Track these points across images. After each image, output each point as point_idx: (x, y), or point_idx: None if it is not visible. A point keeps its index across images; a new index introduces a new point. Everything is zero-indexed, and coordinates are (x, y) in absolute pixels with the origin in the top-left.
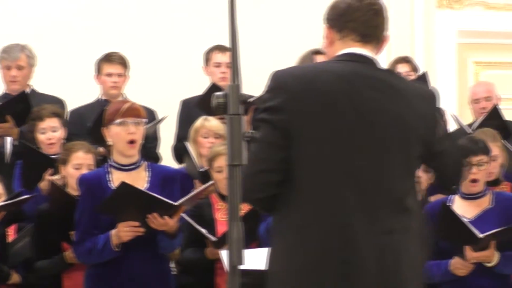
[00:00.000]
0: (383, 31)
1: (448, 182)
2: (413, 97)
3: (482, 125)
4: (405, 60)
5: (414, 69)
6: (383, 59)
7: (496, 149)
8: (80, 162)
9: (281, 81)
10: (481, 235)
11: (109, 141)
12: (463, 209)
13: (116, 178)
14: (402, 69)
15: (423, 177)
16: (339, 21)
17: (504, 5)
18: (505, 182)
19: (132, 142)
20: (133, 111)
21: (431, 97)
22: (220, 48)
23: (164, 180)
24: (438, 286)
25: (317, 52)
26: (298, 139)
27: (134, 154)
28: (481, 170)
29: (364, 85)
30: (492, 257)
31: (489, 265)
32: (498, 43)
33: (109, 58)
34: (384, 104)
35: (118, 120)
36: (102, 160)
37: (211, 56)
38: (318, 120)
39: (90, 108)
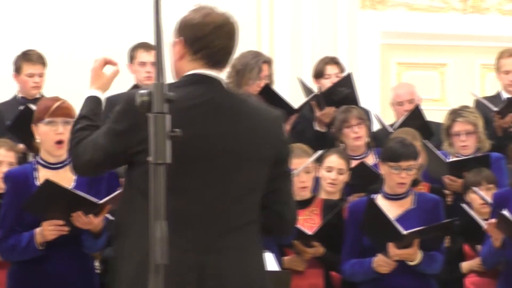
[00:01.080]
0: (231, 56)
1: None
2: (257, 119)
3: (403, 125)
4: (334, 61)
5: (342, 70)
6: (308, 60)
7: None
8: (1, 159)
9: (130, 104)
10: (404, 232)
11: (38, 138)
12: (386, 208)
13: (42, 176)
14: (332, 70)
15: (339, 178)
16: (195, 43)
17: (427, 6)
18: (423, 182)
19: (60, 142)
20: (63, 110)
21: (276, 118)
22: (145, 46)
23: (91, 179)
24: (359, 285)
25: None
26: (135, 156)
27: (61, 154)
28: (409, 175)
29: (206, 112)
30: (415, 255)
31: (411, 263)
32: (421, 44)
33: (29, 57)
34: (224, 129)
35: (47, 120)
36: (22, 158)
37: (136, 54)
38: None
39: (8, 106)
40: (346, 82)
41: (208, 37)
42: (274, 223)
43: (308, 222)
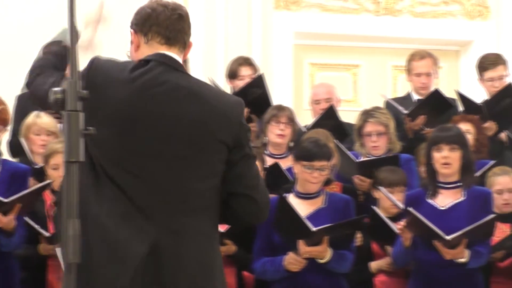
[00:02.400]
0: (187, 36)
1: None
2: (216, 101)
3: (317, 124)
4: (247, 62)
5: (256, 71)
6: (221, 60)
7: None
8: None
9: (91, 68)
10: (314, 229)
11: None
12: (297, 207)
13: None
14: (245, 72)
15: None
16: (144, 26)
17: (340, 7)
18: (335, 181)
19: None
20: None
21: (235, 103)
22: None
23: (13, 177)
24: (271, 284)
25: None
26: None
27: None
28: (322, 175)
29: (164, 91)
30: (324, 253)
31: (321, 261)
32: (334, 45)
33: None
34: (183, 108)
35: None
36: None
37: None
38: (110, 122)
39: None
40: (258, 82)
41: (154, 14)
42: (246, 210)
43: None
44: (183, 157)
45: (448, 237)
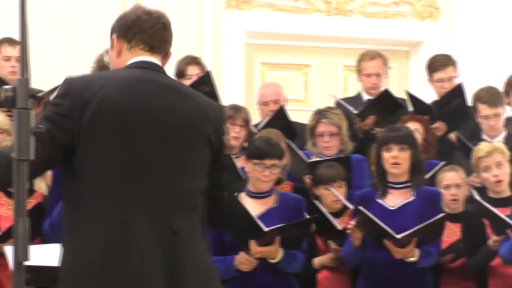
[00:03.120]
0: (169, 45)
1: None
2: (203, 103)
3: (268, 125)
4: (195, 61)
5: (204, 70)
6: (172, 59)
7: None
8: None
9: (70, 87)
10: (266, 229)
11: None
12: (249, 206)
13: None
14: (193, 71)
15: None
16: (128, 32)
17: (291, 7)
18: (286, 181)
19: None
20: None
21: (219, 108)
22: (9, 41)
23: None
24: (223, 283)
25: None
26: (84, 142)
27: None
28: (273, 173)
29: (153, 89)
30: (276, 253)
31: (272, 261)
32: (285, 45)
33: None
34: (174, 106)
35: None
36: None
37: (0, 49)
38: (103, 125)
39: None
40: (206, 80)
41: (138, 22)
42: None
43: None
44: (177, 156)
45: (398, 236)
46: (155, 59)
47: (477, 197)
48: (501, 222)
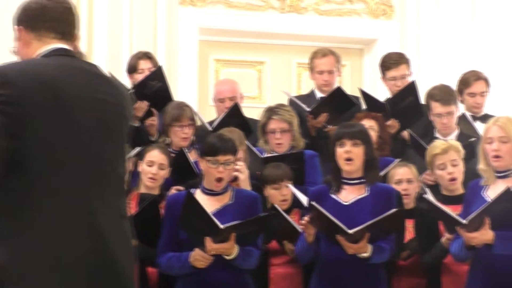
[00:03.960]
0: (76, 29)
1: None
2: (120, 86)
3: (223, 122)
4: (147, 56)
5: (156, 65)
6: (126, 55)
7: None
8: None
9: (5, 76)
10: (222, 226)
11: None
12: (204, 203)
13: None
14: (145, 65)
15: (160, 173)
16: (35, 22)
17: (246, 4)
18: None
19: None
20: None
21: (126, 88)
22: None
23: None
24: (176, 280)
25: None
26: (29, 132)
27: None
28: (227, 170)
29: (80, 75)
30: (231, 250)
31: (228, 258)
32: (239, 42)
33: None
34: (104, 91)
35: None
36: None
37: None
38: (46, 112)
39: None
40: (158, 75)
41: (44, 10)
42: None
43: None
44: (114, 140)
45: (350, 231)
46: (68, 46)
47: (427, 196)
48: (451, 220)
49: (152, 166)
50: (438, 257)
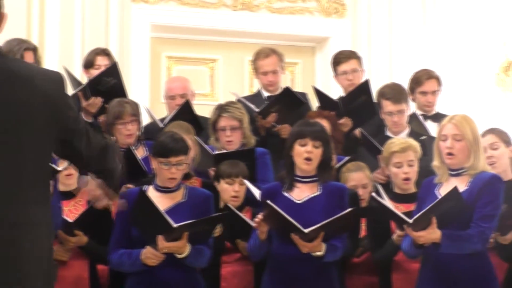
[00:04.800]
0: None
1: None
2: (38, 81)
3: (174, 119)
4: (105, 52)
5: (113, 60)
6: (78, 50)
7: (189, 142)
8: None
9: None
10: (175, 225)
11: None
12: (157, 201)
13: None
14: (102, 61)
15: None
16: None
17: (198, 1)
18: (195, 177)
19: None
20: None
21: (59, 80)
22: None
23: None
24: (127, 277)
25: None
26: None
27: None
28: (180, 170)
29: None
30: (183, 248)
31: (180, 256)
32: (191, 39)
33: None
34: (7, 92)
35: None
36: None
37: None
38: None
39: None
40: (113, 71)
41: None
42: (109, 178)
43: (73, 212)
44: (13, 140)
45: (306, 230)
46: None
47: (375, 195)
48: (398, 219)
49: None
50: (389, 254)
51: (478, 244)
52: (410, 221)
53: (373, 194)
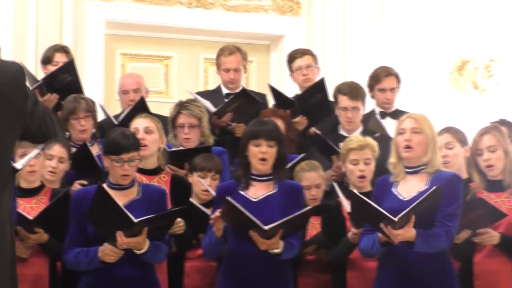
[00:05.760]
0: None
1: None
2: None
3: (128, 116)
4: (64, 49)
5: (71, 57)
6: (32, 47)
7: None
8: None
9: None
10: (136, 220)
11: None
12: None
13: None
14: (60, 58)
15: (59, 166)
16: None
17: None
18: (166, 170)
19: None
20: None
21: (17, 70)
22: None
23: None
24: (82, 274)
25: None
26: None
27: None
28: (132, 167)
29: None
30: (143, 244)
31: (138, 252)
32: (146, 36)
33: None
34: None
35: None
36: None
37: None
38: None
39: None
40: (69, 68)
41: None
42: None
43: (35, 210)
44: None
45: (266, 227)
46: None
47: (353, 190)
48: (380, 216)
49: (52, 159)
50: (344, 252)
51: (445, 243)
52: (396, 219)
53: (354, 189)
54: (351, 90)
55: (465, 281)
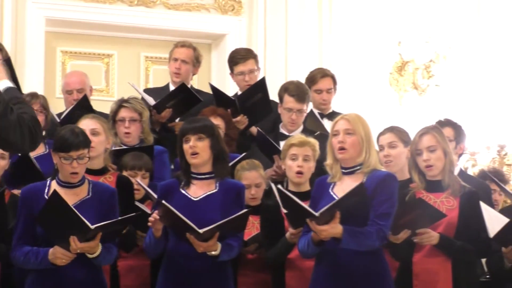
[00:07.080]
0: None
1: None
2: None
3: (71, 114)
4: None
5: (6, 56)
6: None
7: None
8: None
9: None
10: (92, 226)
11: None
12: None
13: None
14: None
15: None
16: None
17: None
18: (112, 171)
19: None
20: None
21: None
22: None
23: None
24: (27, 276)
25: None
26: None
27: None
28: (81, 164)
29: None
30: (96, 248)
31: (91, 256)
32: (87, 34)
33: None
34: None
35: None
36: None
37: None
38: None
39: None
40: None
41: None
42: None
43: None
44: None
45: (200, 231)
46: None
47: (280, 186)
48: (303, 212)
49: None
50: (282, 253)
51: (376, 241)
52: (317, 214)
53: (279, 186)
54: (298, 93)
55: (404, 280)
